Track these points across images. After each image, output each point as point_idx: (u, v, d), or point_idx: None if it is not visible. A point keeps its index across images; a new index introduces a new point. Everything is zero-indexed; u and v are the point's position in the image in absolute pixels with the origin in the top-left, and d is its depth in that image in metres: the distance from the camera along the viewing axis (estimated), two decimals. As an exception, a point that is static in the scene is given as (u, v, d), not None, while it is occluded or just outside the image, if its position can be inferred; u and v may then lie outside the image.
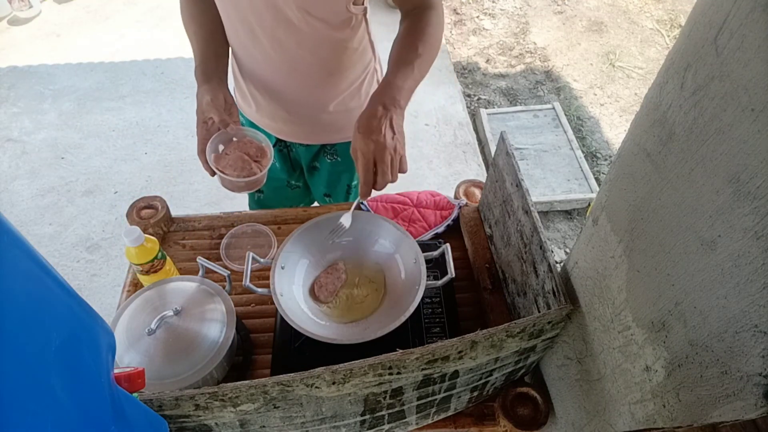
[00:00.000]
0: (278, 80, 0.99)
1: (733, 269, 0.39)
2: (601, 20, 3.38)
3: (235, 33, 0.94)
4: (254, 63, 0.98)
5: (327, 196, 1.29)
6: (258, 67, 0.99)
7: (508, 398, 0.81)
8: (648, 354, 0.53)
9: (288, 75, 0.97)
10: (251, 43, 0.93)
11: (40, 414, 0.31)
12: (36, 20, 3.39)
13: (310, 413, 0.64)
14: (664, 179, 0.46)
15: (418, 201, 1.11)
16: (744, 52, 0.35)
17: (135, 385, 0.47)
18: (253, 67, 1.00)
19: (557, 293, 0.68)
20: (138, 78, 2.94)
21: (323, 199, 1.31)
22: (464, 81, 3.01)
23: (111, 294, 1.96)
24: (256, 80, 1.03)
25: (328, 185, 1.25)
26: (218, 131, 0.89)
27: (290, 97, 1.02)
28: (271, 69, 0.97)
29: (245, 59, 0.99)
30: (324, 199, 1.31)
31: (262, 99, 1.06)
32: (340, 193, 1.27)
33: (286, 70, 0.96)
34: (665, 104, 0.45)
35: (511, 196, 0.85)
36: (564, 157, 2.39)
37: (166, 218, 1.07)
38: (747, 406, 0.40)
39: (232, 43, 0.98)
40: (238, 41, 0.96)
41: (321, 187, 1.27)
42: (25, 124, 2.66)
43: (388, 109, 0.80)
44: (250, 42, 0.93)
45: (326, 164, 1.19)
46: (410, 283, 0.86)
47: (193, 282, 0.84)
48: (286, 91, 1.01)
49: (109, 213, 2.25)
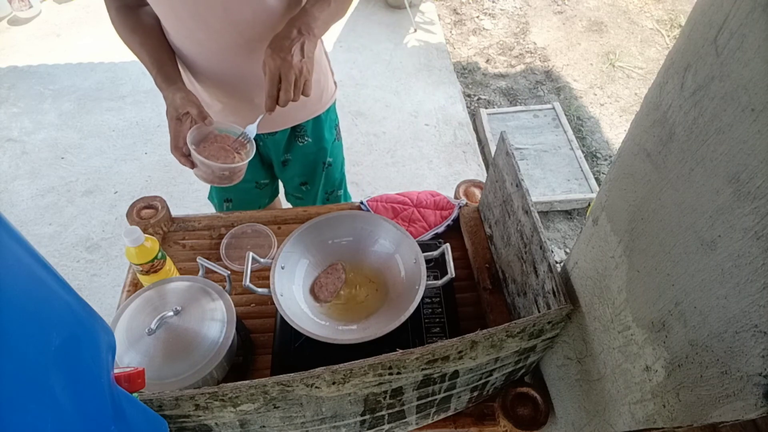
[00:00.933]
0: (237, 66, 0.98)
1: (733, 269, 0.39)
2: (601, 20, 3.38)
3: (185, 31, 0.93)
4: (210, 56, 0.97)
5: (303, 184, 1.29)
6: (214, 59, 0.97)
7: (508, 398, 0.81)
8: (648, 354, 0.53)
9: (246, 57, 0.96)
10: (204, 34, 0.92)
11: (40, 414, 0.31)
12: (36, 20, 3.39)
13: (310, 413, 0.64)
14: (664, 179, 0.46)
15: (418, 201, 1.11)
16: (744, 52, 0.35)
17: (135, 385, 0.47)
18: (209, 62, 0.98)
19: (557, 293, 0.68)
20: (138, 78, 2.93)
21: (299, 189, 1.31)
22: (464, 81, 3.01)
23: (111, 294, 1.96)
24: (214, 76, 1.01)
25: (303, 173, 1.25)
26: (194, 126, 0.89)
27: (251, 81, 1.00)
28: (227, 56, 0.96)
29: (199, 57, 0.98)
30: (300, 188, 1.30)
31: (224, 95, 1.05)
32: (317, 178, 1.26)
33: (244, 53, 0.95)
34: (665, 104, 0.45)
35: (511, 196, 0.85)
36: (564, 157, 2.39)
37: (166, 218, 1.07)
38: (747, 406, 0.40)
39: (181, 46, 0.97)
40: (190, 39, 0.94)
41: (295, 177, 1.27)
42: (25, 124, 2.66)
43: (301, 34, 0.85)
44: (204, 34, 0.92)
45: (299, 150, 1.20)
46: (410, 283, 0.86)
47: (193, 282, 0.84)
48: (246, 75, 1.00)
49: (109, 213, 2.25)
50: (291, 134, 1.17)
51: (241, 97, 1.05)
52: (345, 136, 2.42)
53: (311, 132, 1.18)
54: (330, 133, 1.22)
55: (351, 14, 3.45)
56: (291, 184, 1.32)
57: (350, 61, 3.06)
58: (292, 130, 1.16)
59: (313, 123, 1.17)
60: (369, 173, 2.40)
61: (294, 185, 1.31)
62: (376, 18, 3.43)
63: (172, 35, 0.96)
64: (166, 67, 0.93)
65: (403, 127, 2.65)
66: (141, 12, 0.96)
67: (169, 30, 0.95)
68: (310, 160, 1.23)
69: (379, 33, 3.30)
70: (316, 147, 1.21)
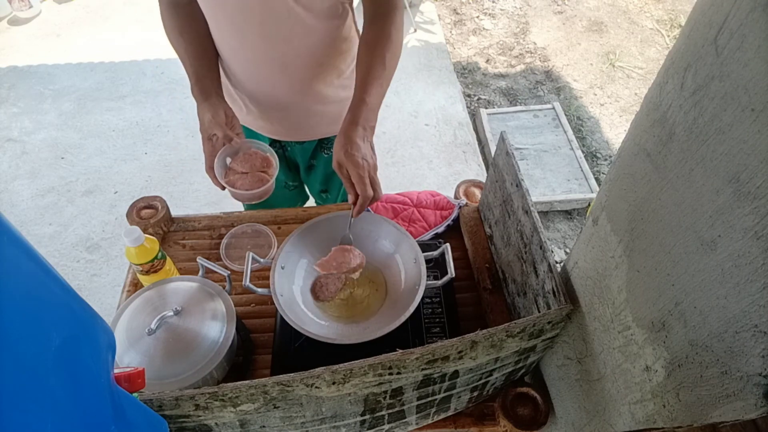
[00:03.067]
0: (269, 78, 0.99)
1: (733, 269, 0.39)
2: (601, 20, 3.38)
3: (222, 36, 0.94)
4: (244, 64, 0.98)
5: (324, 192, 1.30)
6: (248, 68, 0.98)
7: (508, 398, 0.81)
8: (648, 354, 0.53)
9: (279, 71, 0.97)
10: (239, 43, 0.93)
11: (40, 414, 0.31)
12: (36, 20, 3.39)
13: (310, 413, 0.64)
14: (664, 179, 0.46)
15: (418, 201, 1.11)
16: (744, 52, 0.35)
17: (135, 385, 0.47)
18: (243, 69, 0.99)
19: (557, 293, 0.68)
20: (138, 78, 2.93)
21: (320, 196, 1.33)
22: (464, 81, 3.01)
23: (111, 294, 1.96)
24: (247, 82, 1.02)
25: (324, 181, 1.26)
26: (223, 146, 0.92)
27: (283, 94, 1.02)
28: (261, 67, 0.97)
29: (234, 63, 0.99)
30: (321, 195, 1.32)
31: (255, 101, 1.06)
32: (336, 187, 1.27)
33: (278, 67, 0.96)
34: (665, 104, 0.45)
35: (511, 196, 0.85)
36: (564, 157, 2.39)
37: (166, 218, 1.07)
38: (747, 406, 0.40)
39: (219, 47, 0.97)
40: (226, 44, 0.95)
41: (317, 184, 1.27)
42: (25, 124, 2.66)
43: (366, 130, 0.85)
44: (238, 42, 0.92)
45: (323, 159, 1.20)
46: (410, 283, 0.86)
47: (193, 282, 0.84)
48: (278, 87, 1.01)
49: (109, 213, 2.25)
50: (318, 144, 1.18)
51: (272, 106, 1.06)
52: (345, 136, 2.42)
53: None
54: None
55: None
56: (313, 189, 1.33)
57: (350, 61, 3.06)
58: (319, 141, 1.17)
59: None
60: (369, 173, 2.39)
61: (316, 191, 1.33)
62: (376, 18, 3.42)
63: (214, 34, 0.96)
64: (204, 79, 0.93)
65: (403, 127, 2.65)
66: (191, 9, 0.94)
67: (211, 29, 0.96)
68: (330, 170, 1.23)
69: (379, 33, 3.29)
70: None
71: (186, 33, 0.94)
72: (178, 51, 0.96)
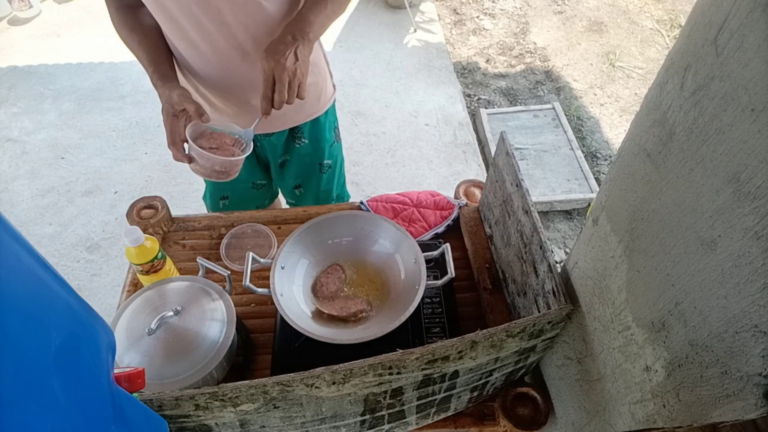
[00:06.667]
0: (230, 68, 0.98)
1: (733, 269, 0.39)
2: (601, 20, 3.38)
3: (180, 33, 0.93)
4: (204, 57, 0.97)
5: (297, 188, 1.29)
6: (208, 61, 0.97)
7: (508, 398, 0.81)
8: (648, 354, 0.53)
9: (240, 59, 0.96)
10: (199, 36, 0.92)
11: (40, 414, 0.31)
12: (36, 20, 3.39)
13: (310, 413, 0.64)
14: (664, 179, 0.46)
15: (418, 201, 1.11)
16: (744, 52, 0.35)
17: (135, 385, 0.47)
18: (204, 63, 0.98)
19: (557, 293, 0.68)
20: (138, 78, 2.93)
21: (292, 194, 1.31)
22: (464, 81, 3.01)
23: (111, 294, 1.96)
24: (208, 77, 1.01)
25: (298, 175, 1.25)
26: (190, 123, 0.88)
27: (246, 83, 1.01)
28: (221, 57, 0.96)
29: (194, 58, 0.98)
30: (294, 192, 1.31)
31: (219, 95, 1.05)
32: (312, 181, 1.26)
33: (238, 55, 0.95)
34: (665, 104, 0.45)
35: (511, 196, 0.85)
36: (564, 157, 2.39)
37: (166, 218, 1.07)
38: (747, 406, 0.40)
39: (177, 47, 0.97)
40: (185, 40, 0.94)
41: (291, 180, 1.27)
42: (25, 124, 2.66)
43: (296, 39, 0.86)
44: (198, 35, 0.92)
45: (295, 152, 1.20)
46: (410, 283, 0.86)
47: (193, 282, 0.84)
48: (241, 77, 1.00)
49: (109, 213, 2.25)
50: (289, 136, 1.17)
51: (237, 100, 1.05)
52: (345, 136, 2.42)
53: (309, 134, 1.18)
54: (329, 134, 1.22)
55: (351, 14, 3.45)
56: (285, 188, 1.32)
57: (350, 61, 3.06)
58: (290, 131, 1.16)
59: (311, 125, 1.17)
60: (369, 173, 2.39)
61: (288, 189, 1.31)
62: (376, 18, 3.43)
63: (169, 37, 0.96)
64: (162, 65, 0.93)
65: (403, 127, 2.65)
66: (140, 12, 0.96)
67: (165, 32, 0.95)
68: (306, 162, 1.23)
69: (379, 33, 3.30)
70: (313, 148, 1.20)
71: (137, 31, 0.95)
72: (132, 47, 0.96)
